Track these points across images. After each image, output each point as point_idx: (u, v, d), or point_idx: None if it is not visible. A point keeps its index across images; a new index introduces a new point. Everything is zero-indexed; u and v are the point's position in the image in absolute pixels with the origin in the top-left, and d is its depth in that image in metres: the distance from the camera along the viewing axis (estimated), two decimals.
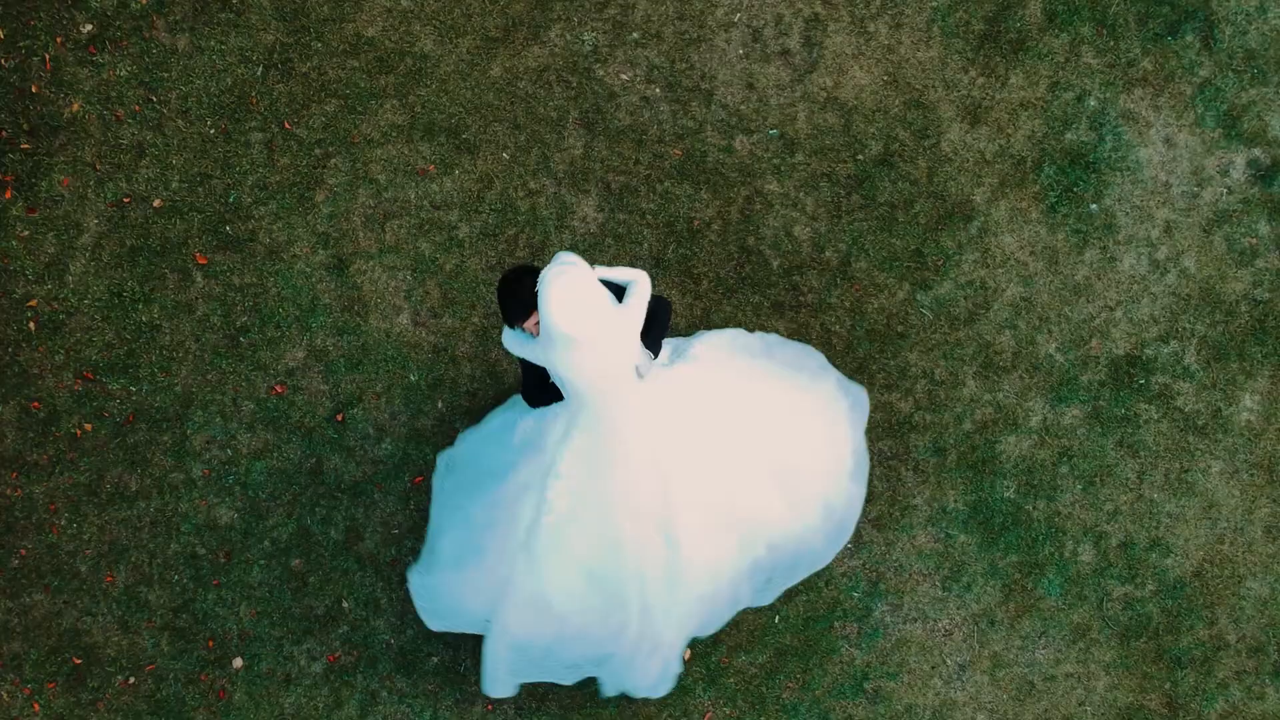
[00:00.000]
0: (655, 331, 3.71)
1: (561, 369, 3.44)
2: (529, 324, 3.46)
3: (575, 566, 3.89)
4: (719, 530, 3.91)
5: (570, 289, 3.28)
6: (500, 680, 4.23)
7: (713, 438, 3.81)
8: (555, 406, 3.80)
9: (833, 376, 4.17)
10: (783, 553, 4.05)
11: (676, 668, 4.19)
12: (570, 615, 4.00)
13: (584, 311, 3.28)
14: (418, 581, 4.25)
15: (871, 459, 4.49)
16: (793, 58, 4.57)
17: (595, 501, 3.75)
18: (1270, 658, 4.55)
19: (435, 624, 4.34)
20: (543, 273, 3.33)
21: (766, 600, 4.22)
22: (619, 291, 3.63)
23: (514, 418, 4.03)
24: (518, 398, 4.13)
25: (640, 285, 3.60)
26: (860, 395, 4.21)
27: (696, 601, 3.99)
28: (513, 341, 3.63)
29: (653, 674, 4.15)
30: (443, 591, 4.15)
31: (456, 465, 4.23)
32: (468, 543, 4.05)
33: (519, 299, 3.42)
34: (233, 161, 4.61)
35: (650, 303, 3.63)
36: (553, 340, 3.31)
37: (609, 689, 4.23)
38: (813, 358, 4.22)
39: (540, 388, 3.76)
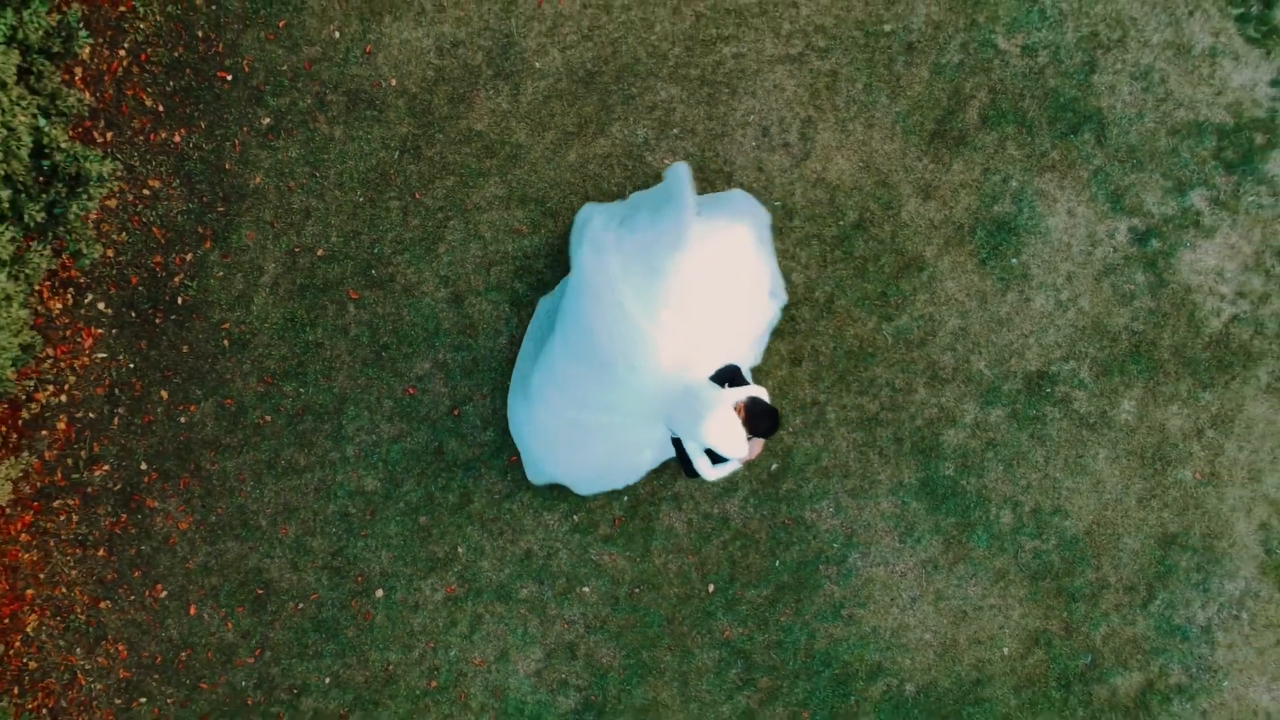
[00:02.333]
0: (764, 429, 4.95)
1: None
2: None
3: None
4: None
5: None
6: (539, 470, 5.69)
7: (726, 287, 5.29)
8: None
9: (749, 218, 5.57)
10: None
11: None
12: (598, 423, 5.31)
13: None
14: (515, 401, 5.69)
15: (849, 449, 6.07)
16: (792, 149, 6.12)
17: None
18: (1140, 594, 6.11)
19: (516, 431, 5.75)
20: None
21: None
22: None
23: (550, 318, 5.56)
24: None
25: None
26: (763, 216, 5.63)
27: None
28: None
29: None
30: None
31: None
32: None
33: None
34: (376, 222, 6.16)
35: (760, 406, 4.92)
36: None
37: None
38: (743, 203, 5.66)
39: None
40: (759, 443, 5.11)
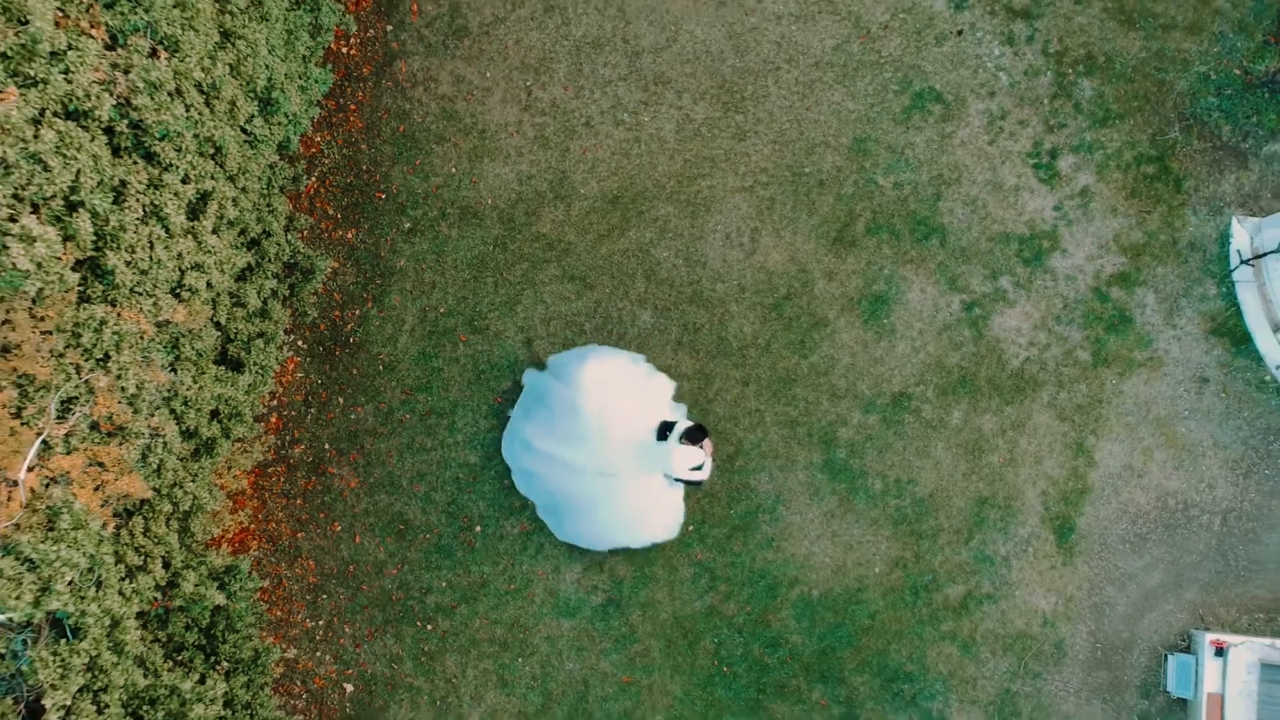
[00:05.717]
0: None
1: None
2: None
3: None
4: None
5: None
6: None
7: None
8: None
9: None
10: None
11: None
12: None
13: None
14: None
15: (778, 440, 9.46)
16: (744, 247, 9.50)
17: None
18: (963, 535, 9.46)
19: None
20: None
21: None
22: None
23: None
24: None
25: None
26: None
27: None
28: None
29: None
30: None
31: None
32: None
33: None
34: (478, 290, 9.56)
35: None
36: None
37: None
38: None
39: None
40: (708, 444, 8.49)
